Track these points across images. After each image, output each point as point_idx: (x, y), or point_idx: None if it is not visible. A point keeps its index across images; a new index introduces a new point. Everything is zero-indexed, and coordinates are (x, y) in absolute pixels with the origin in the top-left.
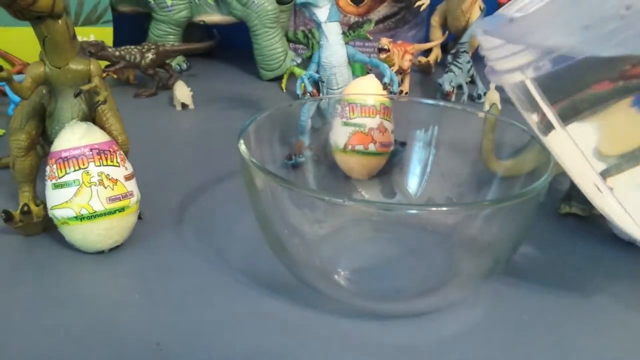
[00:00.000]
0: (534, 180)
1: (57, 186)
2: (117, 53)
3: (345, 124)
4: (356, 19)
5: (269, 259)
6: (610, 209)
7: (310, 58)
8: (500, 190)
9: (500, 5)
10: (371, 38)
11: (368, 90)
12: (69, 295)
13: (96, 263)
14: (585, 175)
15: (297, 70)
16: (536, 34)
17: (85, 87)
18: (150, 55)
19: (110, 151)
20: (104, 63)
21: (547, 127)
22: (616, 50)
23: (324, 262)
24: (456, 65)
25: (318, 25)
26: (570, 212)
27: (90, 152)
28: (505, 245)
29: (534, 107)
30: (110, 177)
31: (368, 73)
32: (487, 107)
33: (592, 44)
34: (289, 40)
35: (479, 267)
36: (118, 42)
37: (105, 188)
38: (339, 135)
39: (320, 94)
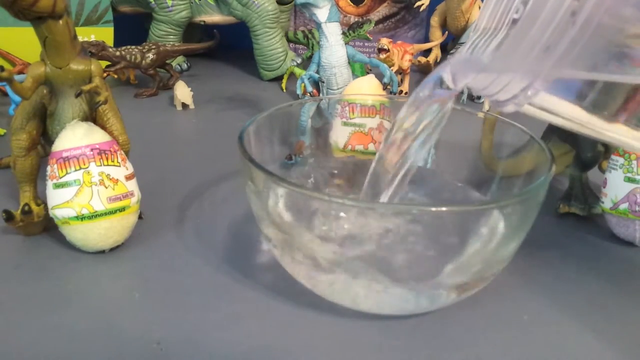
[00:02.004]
0: (533, 180)
1: (57, 186)
2: (117, 53)
3: (345, 124)
4: (356, 19)
5: (269, 259)
6: None
7: (310, 58)
8: (500, 190)
9: None
10: (371, 38)
11: (368, 90)
12: (70, 295)
13: (97, 262)
14: None
15: (297, 71)
16: (513, 64)
17: (86, 87)
18: (150, 56)
19: (111, 151)
20: (104, 63)
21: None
22: (576, 68)
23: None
24: None
25: (318, 25)
26: (569, 212)
27: (91, 152)
28: (504, 245)
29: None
30: (111, 177)
31: (368, 73)
32: (486, 107)
33: (558, 64)
34: (289, 41)
35: (478, 267)
36: (119, 42)
37: (106, 188)
38: (339, 135)
39: (320, 94)
